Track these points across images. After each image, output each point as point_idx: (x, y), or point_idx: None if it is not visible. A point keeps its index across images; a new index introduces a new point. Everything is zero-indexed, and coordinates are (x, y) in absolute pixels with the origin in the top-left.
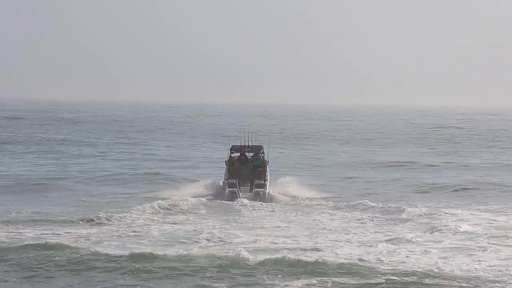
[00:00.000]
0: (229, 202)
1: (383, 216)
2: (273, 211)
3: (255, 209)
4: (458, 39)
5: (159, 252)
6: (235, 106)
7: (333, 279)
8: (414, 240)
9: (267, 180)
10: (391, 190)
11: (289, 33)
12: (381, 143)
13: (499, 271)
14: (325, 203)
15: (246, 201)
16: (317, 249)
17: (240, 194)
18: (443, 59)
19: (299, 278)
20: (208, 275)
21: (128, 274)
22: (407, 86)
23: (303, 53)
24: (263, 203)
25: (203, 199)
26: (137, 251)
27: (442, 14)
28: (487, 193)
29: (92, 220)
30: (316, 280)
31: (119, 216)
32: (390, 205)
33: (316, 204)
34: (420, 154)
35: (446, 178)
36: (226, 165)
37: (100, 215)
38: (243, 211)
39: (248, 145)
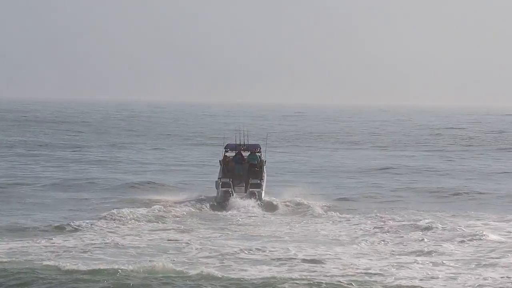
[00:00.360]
0: (222, 203)
1: (390, 225)
2: (271, 218)
3: (251, 217)
4: (463, 37)
5: (143, 266)
6: (220, 106)
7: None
8: (424, 252)
9: (263, 179)
10: (401, 196)
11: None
12: (389, 146)
13: None
14: (328, 210)
15: (242, 202)
16: (318, 261)
17: (234, 194)
18: (446, 58)
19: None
20: None
21: None
22: (408, 85)
23: (296, 51)
24: (261, 211)
25: (194, 206)
26: (116, 266)
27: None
28: (504, 201)
29: (72, 229)
30: None
31: (100, 226)
32: (400, 213)
33: (318, 212)
34: (431, 158)
35: (460, 184)
36: (220, 164)
37: (80, 224)
38: (238, 218)
39: (244, 144)
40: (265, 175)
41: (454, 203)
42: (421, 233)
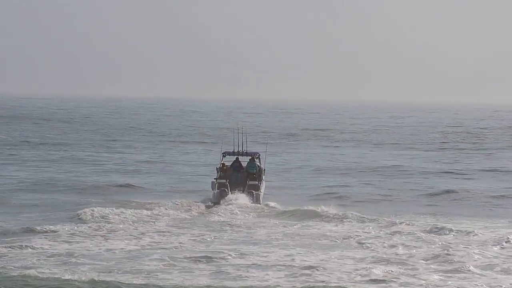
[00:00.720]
0: (218, 203)
1: (399, 229)
2: (270, 220)
3: (248, 218)
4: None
5: (130, 273)
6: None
7: None
8: (436, 257)
9: (262, 181)
10: (410, 197)
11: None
12: (395, 144)
13: None
14: (331, 212)
15: (239, 200)
16: (320, 267)
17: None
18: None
19: None
20: None
21: None
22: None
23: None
24: (259, 212)
25: (188, 207)
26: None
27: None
28: None
29: (58, 233)
30: None
31: (88, 229)
32: (409, 216)
33: (321, 214)
34: (441, 157)
35: (472, 185)
36: (217, 172)
37: (66, 228)
38: (234, 219)
39: (243, 151)
40: (264, 183)
41: (466, 205)
42: (432, 237)
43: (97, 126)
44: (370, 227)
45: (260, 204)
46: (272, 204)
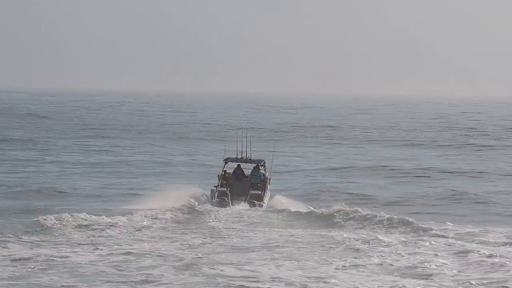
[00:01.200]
0: (217, 208)
1: (422, 238)
2: (271, 224)
3: (249, 224)
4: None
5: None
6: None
7: None
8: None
9: (266, 191)
10: (432, 202)
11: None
12: (409, 142)
13: None
14: (341, 217)
15: (239, 208)
16: (325, 282)
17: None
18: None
19: None
20: None
21: None
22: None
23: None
24: (261, 218)
25: (183, 213)
26: None
27: None
28: None
29: (38, 243)
30: None
31: (66, 238)
32: (433, 223)
33: (329, 220)
34: (460, 157)
35: (506, 189)
36: (219, 179)
37: (40, 236)
38: (233, 225)
39: (247, 158)
40: (268, 193)
41: (497, 210)
42: (462, 247)
43: (72, 123)
44: (388, 233)
45: (263, 210)
46: (275, 206)
